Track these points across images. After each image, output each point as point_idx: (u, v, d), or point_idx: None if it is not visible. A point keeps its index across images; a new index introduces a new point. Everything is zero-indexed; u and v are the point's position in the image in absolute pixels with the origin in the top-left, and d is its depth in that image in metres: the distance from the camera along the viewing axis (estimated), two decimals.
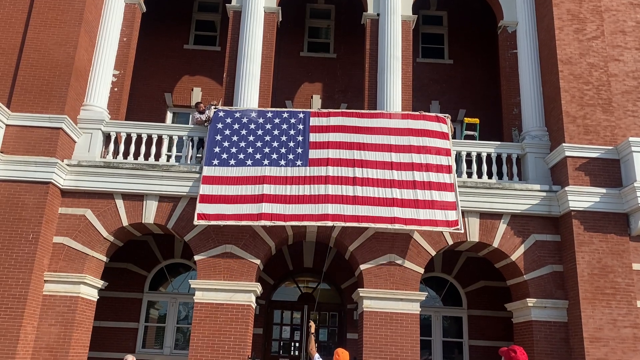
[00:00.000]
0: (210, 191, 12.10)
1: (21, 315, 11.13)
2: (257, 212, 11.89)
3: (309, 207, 11.95)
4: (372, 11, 14.72)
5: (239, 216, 11.91)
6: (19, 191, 11.80)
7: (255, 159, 12.39)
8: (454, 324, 15.43)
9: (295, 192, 12.09)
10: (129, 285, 15.09)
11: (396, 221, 11.93)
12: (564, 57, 13.26)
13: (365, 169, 12.30)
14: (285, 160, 12.39)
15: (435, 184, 12.26)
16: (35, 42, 12.79)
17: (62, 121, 12.22)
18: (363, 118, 12.92)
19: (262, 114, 13.01)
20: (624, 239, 12.06)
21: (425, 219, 11.96)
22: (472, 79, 17.30)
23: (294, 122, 12.85)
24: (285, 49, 17.24)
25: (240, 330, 11.86)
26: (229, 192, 12.09)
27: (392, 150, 12.54)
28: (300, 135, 12.67)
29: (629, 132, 12.85)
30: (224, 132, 12.68)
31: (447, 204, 12.14)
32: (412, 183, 12.22)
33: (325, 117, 12.97)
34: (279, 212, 11.90)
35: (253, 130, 12.73)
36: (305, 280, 16.15)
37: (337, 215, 11.90)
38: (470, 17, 17.90)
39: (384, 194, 12.09)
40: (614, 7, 13.91)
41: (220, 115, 12.94)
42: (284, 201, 11.98)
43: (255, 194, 12.04)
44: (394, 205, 11.99)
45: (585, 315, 11.56)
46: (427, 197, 12.10)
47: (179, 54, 17.35)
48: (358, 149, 12.52)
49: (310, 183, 12.17)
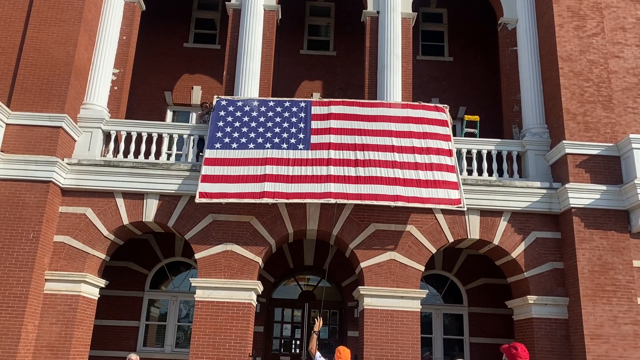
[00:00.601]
0: (212, 172, 12.15)
1: (22, 314, 11.15)
2: (259, 191, 11.89)
3: (312, 185, 11.98)
4: (372, 9, 14.70)
5: (241, 194, 11.92)
6: (20, 190, 11.80)
7: (258, 143, 12.50)
8: (455, 321, 15.44)
9: (297, 172, 12.16)
10: (129, 283, 15.11)
11: (399, 199, 11.93)
12: (564, 54, 13.24)
13: (367, 152, 12.41)
14: (287, 144, 12.50)
15: (437, 165, 12.36)
16: (35, 41, 12.78)
17: (62, 120, 12.22)
18: (363, 107, 13.13)
19: (264, 103, 13.16)
20: (625, 236, 12.06)
21: (428, 197, 12.01)
22: (472, 76, 17.29)
23: (295, 110, 13.01)
24: (285, 47, 17.23)
25: (241, 328, 11.87)
26: (231, 172, 12.15)
27: (393, 136, 12.69)
28: (302, 123, 12.83)
29: (630, 129, 12.84)
30: (226, 119, 12.80)
31: (450, 183, 12.21)
32: (413, 164, 12.34)
33: (326, 105, 13.18)
34: (282, 191, 11.91)
35: (255, 117, 12.86)
36: (305, 278, 16.17)
37: (340, 193, 11.89)
38: (470, 15, 17.87)
39: (386, 174, 12.15)
40: (614, 3, 13.88)
41: (222, 103, 13.08)
42: (287, 180, 12.03)
43: (257, 174, 12.09)
44: (397, 184, 12.06)
45: (585, 312, 11.57)
46: (429, 177, 12.20)
47: (179, 52, 17.34)
48: (359, 135, 12.66)
49: (312, 165, 12.25)
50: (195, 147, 13.25)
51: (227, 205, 12.50)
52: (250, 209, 12.57)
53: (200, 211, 12.54)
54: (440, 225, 12.70)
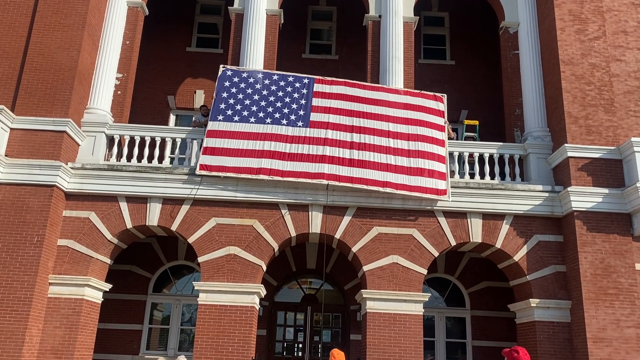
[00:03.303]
0: (213, 144, 12.61)
1: (26, 318, 11.19)
2: (257, 167, 12.38)
3: (306, 165, 12.45)
4: (373, 13, 14.76)
5: (239, 169, 12.38)
6: (24, 194, 11.87)
7: (259, 117, 12.87)
8: (457, 324, 15.45)
9: (294, 150, 12.58)
10: (133, 287, 15.15)
11: (388, 185, 12.38)
12: (566, 58, 13.27)
13: (364, 135, 12.80)
14: (287, 120, 12.87)
15: (428, 153, 12.72)
16: (39, 46, 12.86)
17: (66, 124, 12.29)
18: (365, 90, 13.41)
19: (269, 76, 13.45)
20: (627, 239, 12.06)
21: (415, 186, 12.43)
22: (474, 79, 17.33)
23: (298, 86, 13.31)
24: (287, 51, 17.29)
25: (244, 331, 11.90)
26: (231, 145, 12.60)
27: (390, 121, 13.05)
28: (304, 99, 13.14)
29: (631, 132, 12.85)
30: (230, 90, 13.14)
31: (438, 173, 12.63)
32: (406, 152, 12.73)
33: (329, 84, 13.45)
34: (278, 168, 12.38)
35: (258, 90, 13.18)
36: (308, 281, 16.19)
37: (332, 175, 12.38)
38: (471, 18, 17.92)
39: (379, 159, 12.60)
40: (616, 7, 13.91)
41: (228, 73, 13.38)
42: (283, 158, 12.48)
43: (256, 149, 12.54)
44: (388, 171, 12.53)
45: (588, 316, 11.57)
46: (420, 165, 12.60)
47: (182, 56, 17.42)
48: (358, 117, 13.01)
49: (309, 143, 12.68)
50: (198, 151, 13.29)
51: (230, 208, 12.56)
52: (253, 213, 12.62)
53: (203, 214, 12.59)
54: (443, 228, 12.72)
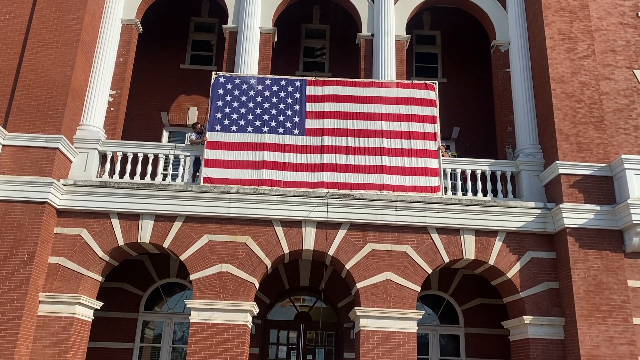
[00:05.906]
0: (214, 156, 12.95)
1: (15, 337, 11.03)
2: (258, 178, 12.80)
3: (306, 175, 12.89)
4: (366, 31, 14.91)
5: (242, 181, 12.80)
6: (15, 211, 11.78)
7: (255, 126, 13.17)
8: (451, 342, 15.37)
9: (292, 160, 12.95)
10: (124, 305, 14.98)
11: (385, 188, 12.83)
12: (556, 76, 13.44)
13: (358, 138, 13.21)
14: (284, 129, 13.18)
15: (421, 151, 13.09)
16: (33, 62, 12.88)
17: (59, 141, 12.26)
18: (356, 87, 13.68)
19: (261, 81, 13.68)
20: (619, 256, 12.11)
21: (410, 185, 12.84)
22: (466, 97, 17.47)
23: (291, 90, 13.55)
24: (280, 68, 17.37)
25: (236, 350, 11.78)
26: (231, 157, 12.93)
27: (383, 119, 13.38)
28: (297, 104, 13.41)
29: (622, 149, 12.98)
30: (225, 98, 13.37)
31: (431, 170, 13.01)
32: (400, 151, 13.10)
33: (321, 85, 13.71)
34: (278, 179, 12.82)
35: (252, 97, 13.45)
36: (301, 298, 16.08)
37: (331, 182, 12.83)
38: (463, 37, 18.13)
39: (374, 162, 13.01)
40: (604, 26, 14.14)
41: (221, 80, 13.58)
42: (283, 168, 12.89)
43: (256, 160, 12.92)
44: (383, 173, 12.93)
45: (581, 333, 11.56)
46: (413, 164, 13.01)
47: (175, 73, 17.47)
48: (351, 119, 13.36)
49: (306, 152, 13.10)
50: (191, 168, 13.28)
51: (223, 225, 12.52)
52: (246, 229, 12.58)
53: (195, 232, 12.53)
54: (436, 245, 12.73)
